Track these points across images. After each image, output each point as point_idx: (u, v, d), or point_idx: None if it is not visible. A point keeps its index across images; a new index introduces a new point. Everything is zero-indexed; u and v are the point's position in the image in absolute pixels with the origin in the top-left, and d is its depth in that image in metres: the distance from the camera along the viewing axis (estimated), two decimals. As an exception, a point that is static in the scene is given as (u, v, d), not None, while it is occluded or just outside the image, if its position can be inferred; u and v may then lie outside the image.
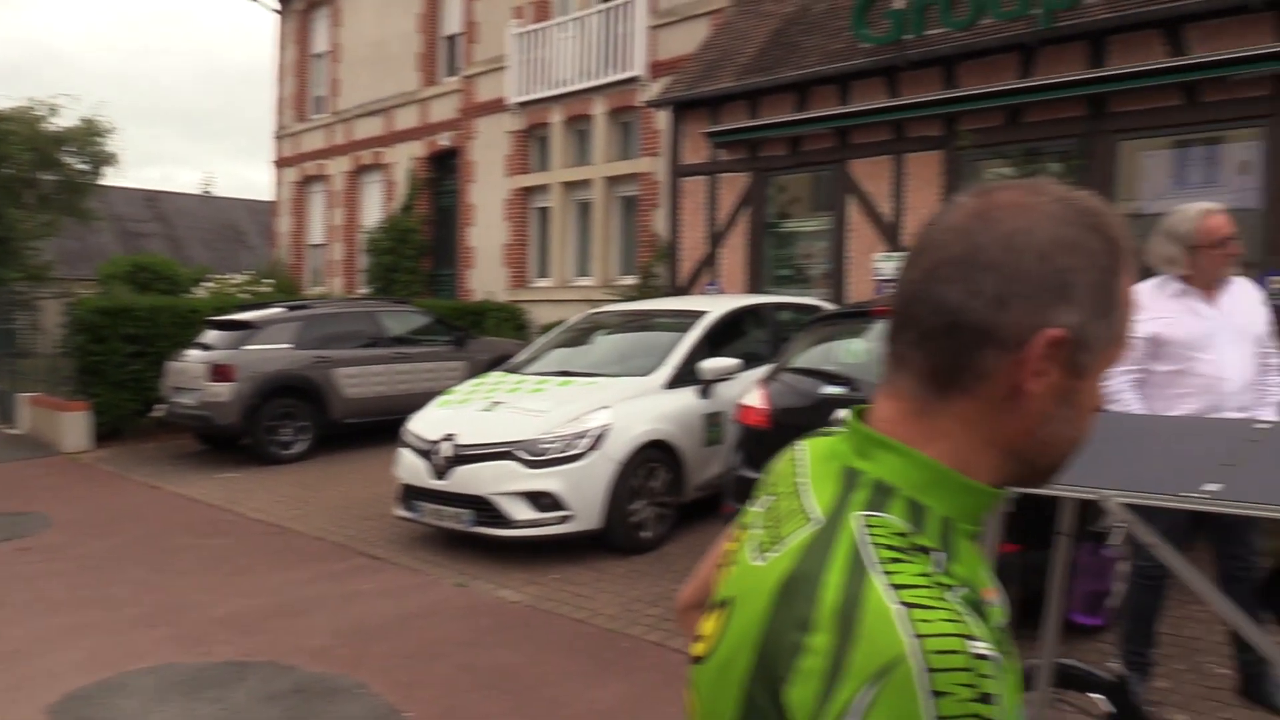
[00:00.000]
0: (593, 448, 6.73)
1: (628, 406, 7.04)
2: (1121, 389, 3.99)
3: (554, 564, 6.77)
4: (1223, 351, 3.88)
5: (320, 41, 21.92)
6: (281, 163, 22.88)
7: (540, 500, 6.67)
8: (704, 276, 12.75)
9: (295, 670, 5.08)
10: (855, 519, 0.89)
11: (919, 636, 0.79)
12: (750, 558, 0.97)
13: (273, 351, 10.87)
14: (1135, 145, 9.34)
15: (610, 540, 6.85)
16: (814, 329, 6.06)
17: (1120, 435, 2.51)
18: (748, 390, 5.97)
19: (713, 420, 7.39)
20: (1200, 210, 3.89)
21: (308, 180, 22.06)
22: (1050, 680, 2.89)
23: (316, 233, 21.89)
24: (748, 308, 8.56)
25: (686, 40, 13.94)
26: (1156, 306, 3.96)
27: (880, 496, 0.92)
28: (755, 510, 1.05)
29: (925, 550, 0.88)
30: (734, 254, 12.45)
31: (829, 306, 8.90)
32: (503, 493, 6.69)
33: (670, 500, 7.18)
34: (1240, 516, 3.81)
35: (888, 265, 10.77)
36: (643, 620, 5.68)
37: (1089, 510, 2.87)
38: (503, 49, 16.62)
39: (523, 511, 6.68)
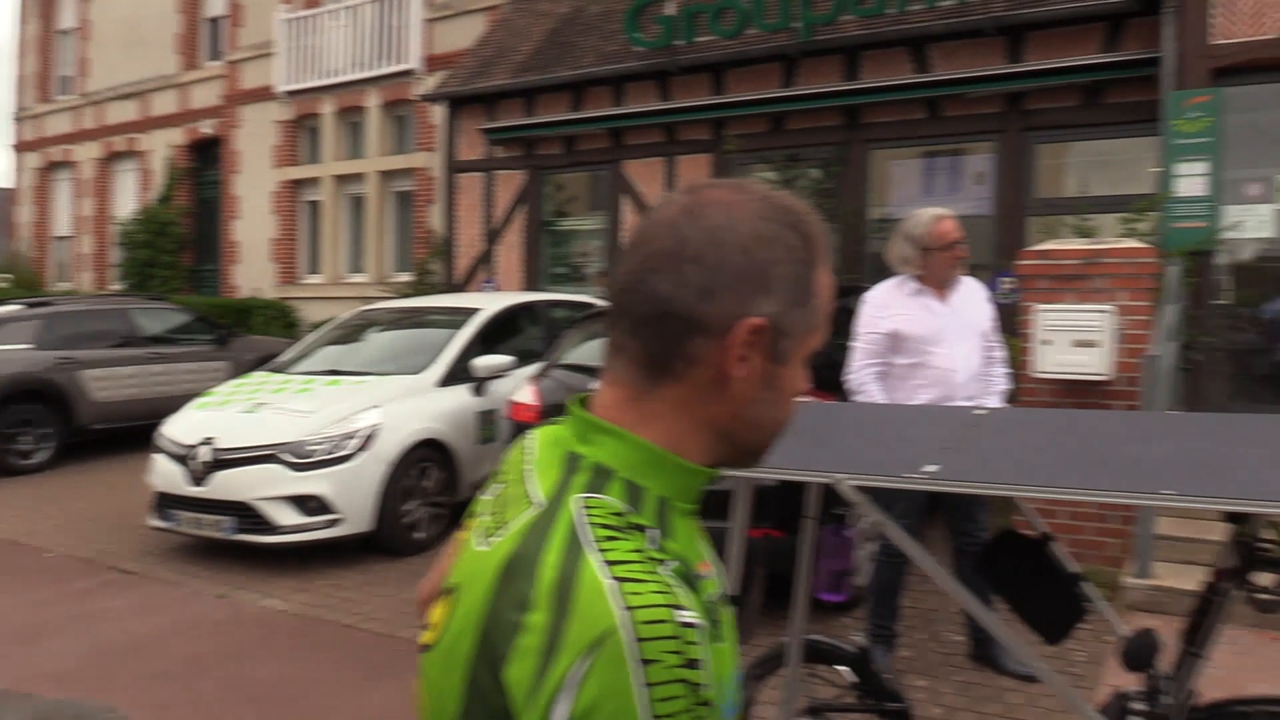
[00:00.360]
0: (362, 448, 6.56)
1: (399, 405, 6.90)
2: (866, 381, 4.27)
3: (323, 569, 6.55)
4: (953, 346, 4.21)
5: (67, 17, 20.28)
6: (22, 147, 21.01)
7: (307, 504, 6.44)
8: (480, 274, 12.66)
9: (33, 698, 4.68)
10: (575, 501, 0.93)
11: (629, 608, 0.83)
12: (476, 544, 0.99)
13: (9, 353, 9.95)
14: (886, 154, 9.99)
15: (382, 542, 6.69)
16: (585, 325, 6.15)
17: (854, 423, 2.69)
18: (520, 387, 5.99)
19: (487, 418, 7.35)
20: (932, 215, 4.21)
21: (52, 166, 20.35)
22: (800, 656, 3.05)
23: (63, 224, 20.23)
24: (522, 305, 8.57)
25: (463, 35, 13.80)
26: (896, 304, 4.27)
27: (600, 479, 0.95)
28: (485, 499, 1.07)
29: (641, 528, 0.92)
30: (511, 251, 12.43)
31: (602, 304, 9.03)
32: (266, 497, 6.41)
33: (444, 500, 7.09)
34: (968, 496, 4.16)
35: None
36: (415, 622, 5.59)
37: (832, 494, 3.05)
38: (270, 34, 15.90)
39: (288, 516, 6.43)
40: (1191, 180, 7.33)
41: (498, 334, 7.95)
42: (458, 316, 7.99)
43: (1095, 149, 9.14)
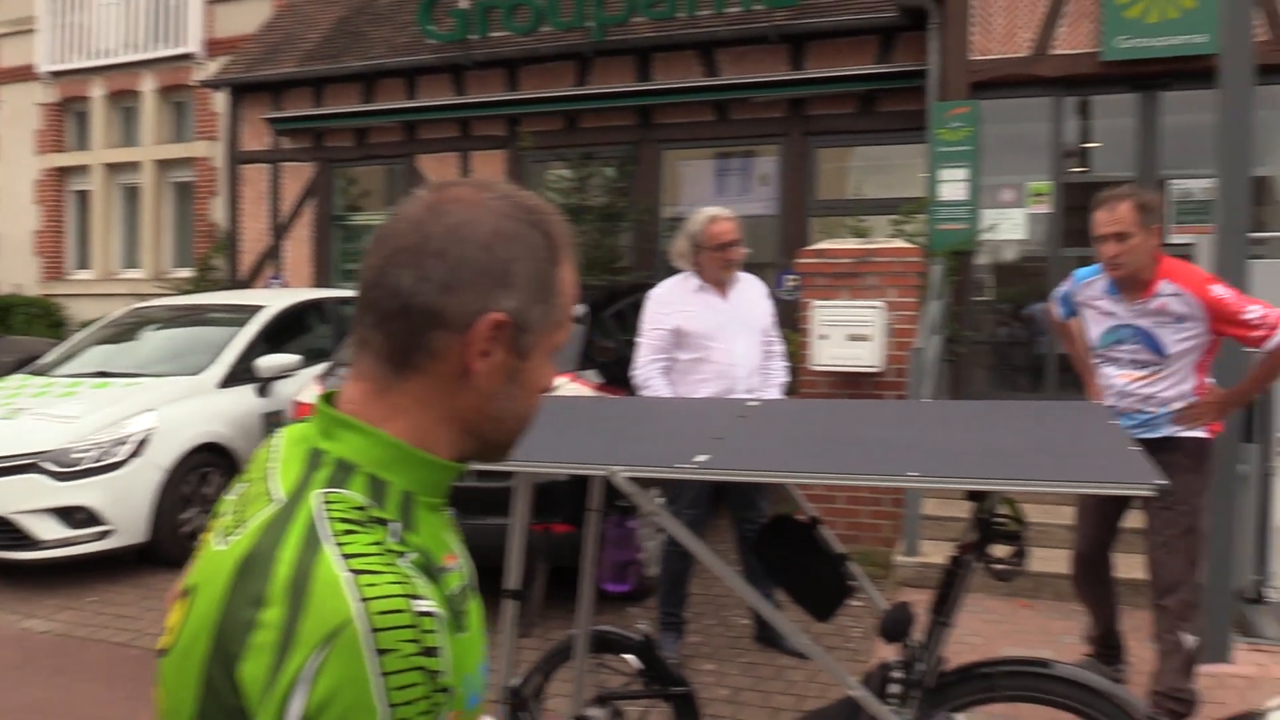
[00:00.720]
0: (135, 454, 6.18)
1: (176, 408, 6.55)
2: (651, 376, 4.39)
3: (92, 585, 6.13)
4: (733, 341, 4.39)
5: None
6: None
7: (73, 516, 6.02)
8: (267, 270, 12.15)
9: None
10: (315, 496, 0.93)
11: (364, 600, 0.84)
12: (215, 544, 0.97)
13: None
14: (677, 155, 10.25)
15: (160, 554, 6.33)
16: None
17: (631, 416, 2.77)
18: (305, 387, 5.80)
19: (272, 420, 7.07)
20: (708, 215, 4.37)
21: None
22: (587, 646, 3.11)
23: None
24: (310, 302, 8.29)
25: (247, 19, 13.17)
26: (679, 301, 4.40)
27: (342, 474, 0.96)
28: (229, 498, 1.05)
29: (384, 522, 0.93)
30: (299, 247, 11.99)
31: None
32: (26, 510, 5.95)
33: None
34: (748, 484, 4.33)
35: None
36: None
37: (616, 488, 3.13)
38: (31, 9, 14.67)
39: (52, 530, 5.99)
40: (954, 185, 7.90)
41: (284, 332, 7.66)
42: (240, 314, 7.65)
43: (871, 154, 9.70)
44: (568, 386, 5.10)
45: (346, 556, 0.87)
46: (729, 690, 4.49)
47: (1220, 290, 3.59)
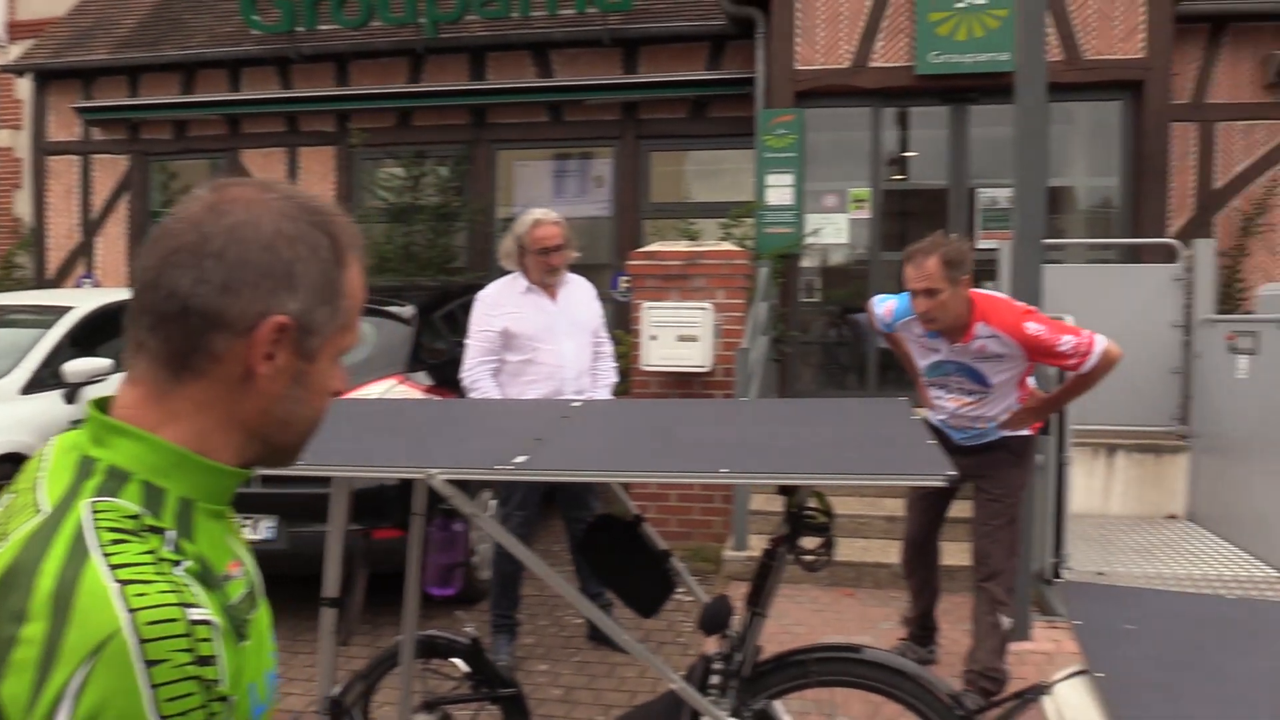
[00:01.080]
0: (-78, 466, 5.73)
1: (-29, 415, 6.10)
2: (479, 377, 4.37)
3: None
4: (562, 343, 4.41)
5: None
6: None
7: None
8: (78, 268, 11.45)
9: None
10: (84, 505, 0.89)
11: (133, 610, 0.82)
12: None
13: None
14: (512, 155, 10.21)
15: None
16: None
17: (453, 418, 2.76)
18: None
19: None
20: (534, 219, 4.38)
21: None
22: (413, 652, 3.07)
23: None
24: (123, 303, 7.84)
25: (54, 2, 12.38)
26: (507, 302, 4.40)
27: (114, 482, 0.92)
28: None
29: (159, 530, 0.91)
30: (113, 244, 11.35)
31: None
32: None
33: None
34: (579, 484, 4.37)
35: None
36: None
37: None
38: None
39: None
40: (780, 190, 8.16)
41: (94, 335, 7.23)
42: (46, 315, 7.17)
43: (703, 158, 9.91)
44: (396, 389, 5.02)
45: (114, 567, 0.84)
46: (562, 690, 4.51)
47: (1034, 327, 3.66)
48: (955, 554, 5.03)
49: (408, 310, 5.44)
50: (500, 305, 4.38)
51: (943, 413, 4.08)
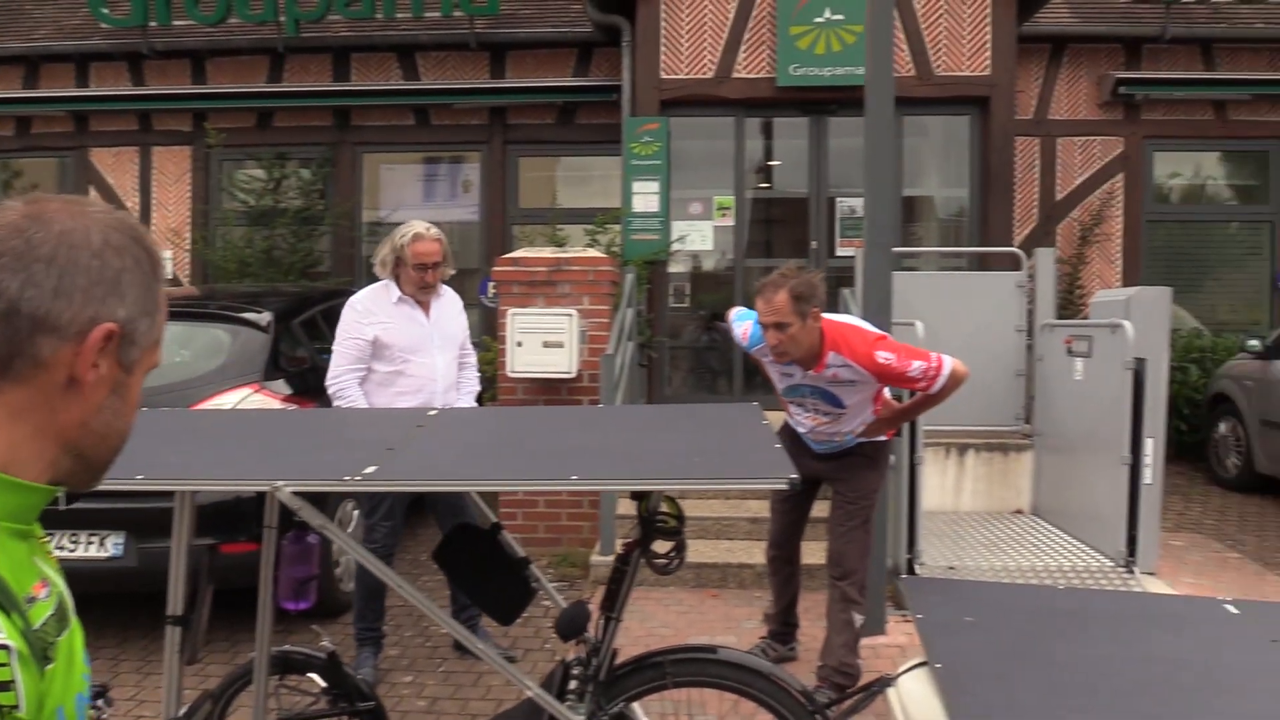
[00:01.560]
0: None
1: None
2: (346, 385, 4.27)
3: None
4: (433, 356, 4.36)
5: None
6: None
7: None
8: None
9: None
10: None
11: None
12: None
13: None
14: (377, 158, 10.04)
15: None
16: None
17: (304, 429, 2.71)
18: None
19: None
20: (413, 233, 4.28)
21: None
22: (268, 668, 3.00)
23: None
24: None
25: (-124, -13, 11.59)
26: (380, 311, 4.31)
27: None
28: None
29: None
30: (-53, 245, 10.68)
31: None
32: None
33: None
34: (454, 494, 4.31)
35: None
36: None
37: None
38: None
39: None
40: (646, 198, 8.25)
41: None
42: None
43: (571, 164, 9.94)
44: (251, 398, 4.88)
45: None
46: (427, 701, 4.47)
47: (885, 356, 3.73)
48: (814, 553, 5.19)
49: (264, 317, 5.29)
50: (372, 314, 4.30)
51: (802, 426, 4.21)
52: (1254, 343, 7.77)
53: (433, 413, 2.89)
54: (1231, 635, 2.06)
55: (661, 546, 2.51)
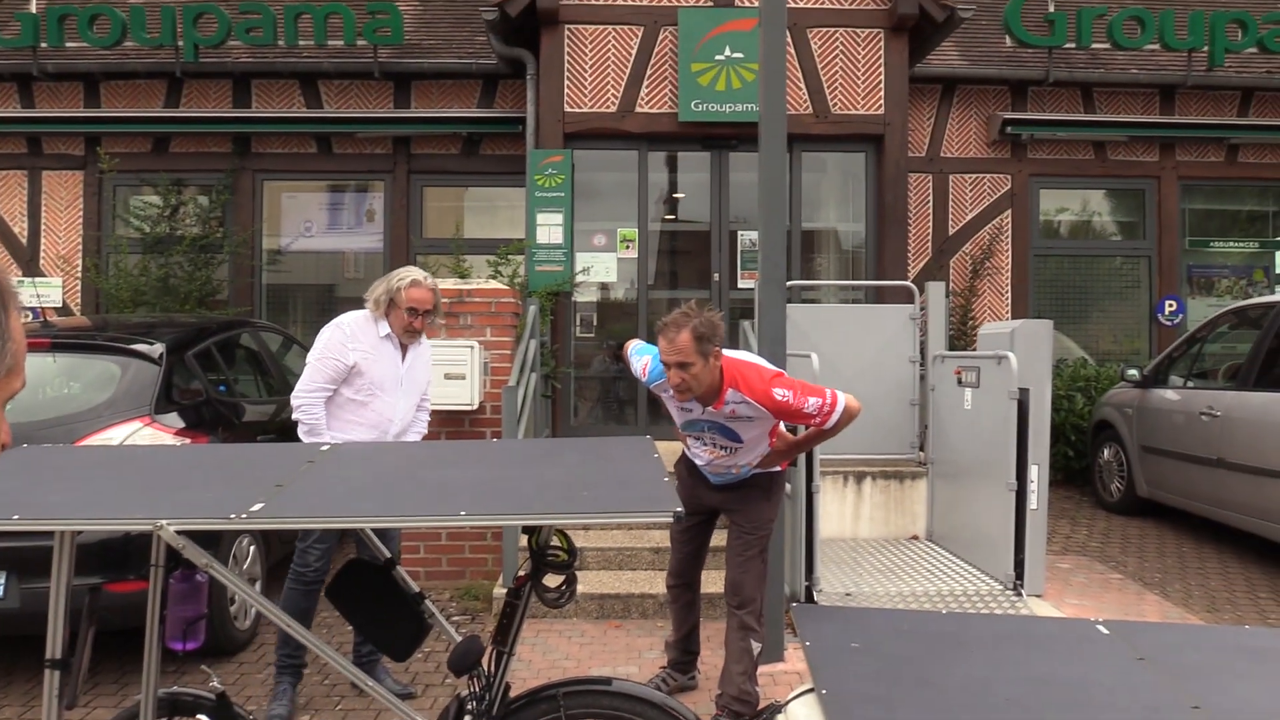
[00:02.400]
0: None
1: None
2: (314, 403, 4.22)
3: None
4: (398, 398, 4.38)
5: None
6: None
7: None
8: None
9: None
10: None
11: None
12: None
13: None
14: (278, 186, 9.90)
15: None
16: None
17: (192, 464, 2.67)
18: None
19: None
20: (410, 279, 4.31)
21: None
22: (154, 711, 2.93)
23: None
24: None
25: None
26: (365, 340, 4.29)
27: None
28: None
29: None
30: None
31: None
32: None
33: None
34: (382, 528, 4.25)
35: (25, 290, 9.79)
36: None
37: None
38: None
39: None
40: (550, 229, 8.31)
41: None
42: None
43: (476, 195, 9.94)
44: (141, 432, 4.76)
45: None
46: (322, 739, 4.40)
47: (781, 393, 3.82)
48: (715, 582, 5.26)
49: (156, 348, 5.17)
50: (358, 340, 4.28)
51: (699, 459, 4.29)
52: (1133, 372, 8.14)
53: (325, 448, 2.88)
54: (1101, 654, 2.17)
55: (553, 580, 2.54)
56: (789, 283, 7.78)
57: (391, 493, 2.39)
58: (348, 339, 4.32)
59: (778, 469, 4.33)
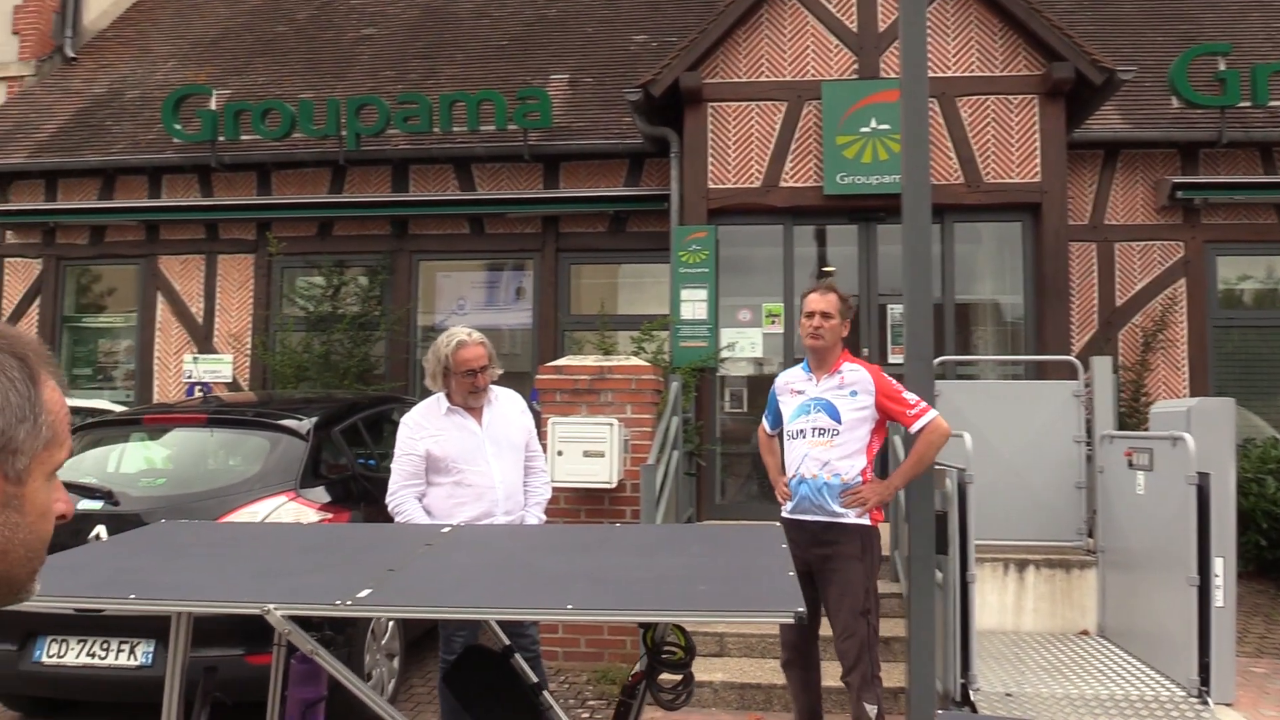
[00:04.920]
0: None
1: None
2: (403, 501, 4.20)
3: None
4: (489, 463, 4.24)
5: None
6: None
7: None
8: (-19, 375, 11.10)
9: None
10: None
11: None
12: None
13: None
14: (433, 265, 10.22)
15: None
16: (78, 436, 5.57)
17: (310, 545, 2.65)
18: None
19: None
20: (456, 341, 4.23)
21: None
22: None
23: None
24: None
25: (-27, 106, 12.30)
26: (430, 425, 4.26)
27: None
28: None
29: None
30: (21, 350, 11.04)
31: (117, 409, 8.27)
32: None
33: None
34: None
35: (198, 367, 10.37)
36: None
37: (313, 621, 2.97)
38: None
39: None
40: (694, 305, 8.24)
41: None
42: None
43: (622, 272, 10.00)
44: (286, 506, 4.86)
45: None
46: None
47: (886, 377, 4.41)
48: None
49: (304, 424, 5.31)
50: (423, 428, 4.25)
51: (794, 463, 4.41)
52: (1332, 453, 7.41)
53: (445, 530, 2.82)
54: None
55: (667, 679, 2.38)
56: (942, 358, 7.51)
57: (501, 582, 2.29)
58: (412, 432, 4.27)
59: (868, 522, 4.34)
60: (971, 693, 5.17)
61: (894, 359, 8.21)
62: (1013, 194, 8.21)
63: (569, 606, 2.01)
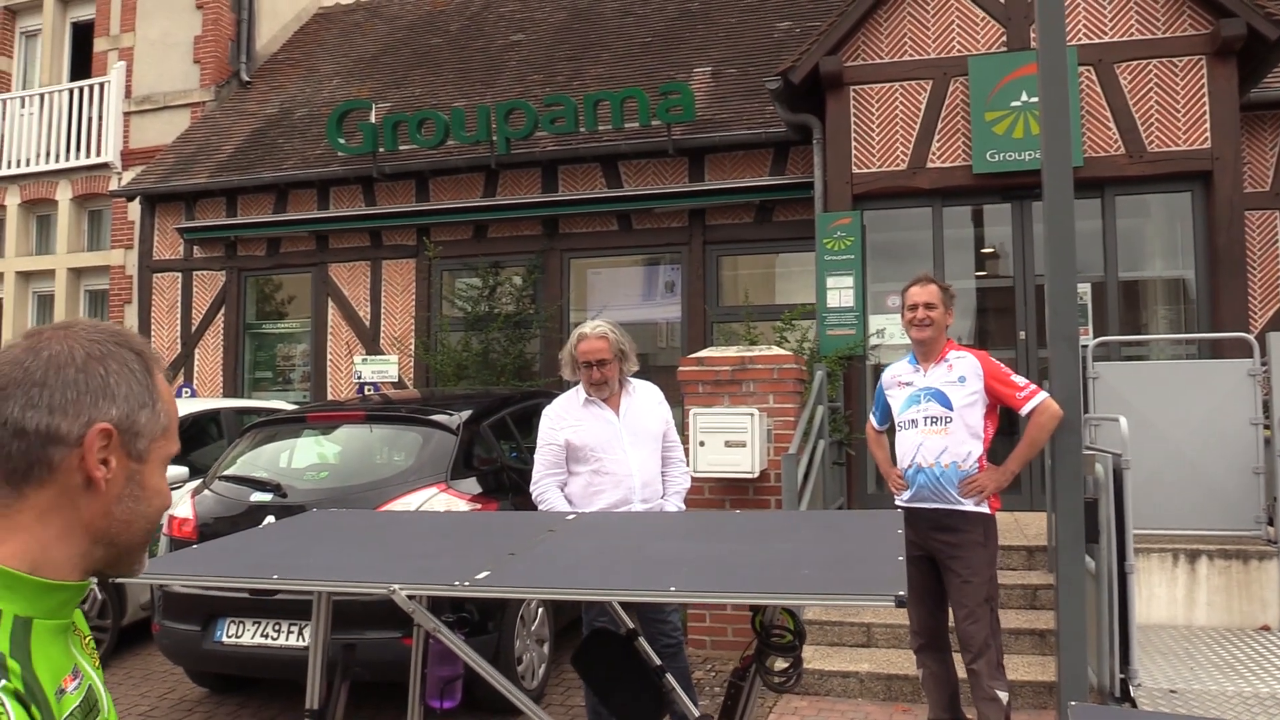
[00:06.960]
0: None
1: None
2: (545, 489, 4.36)
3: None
4: (627, 452, 4.36)
5: None
6: None
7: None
8: (178, 379, 12.03)
9: None
10: None
11: None
12: None
13: None
14: (583, 263, 10.45)
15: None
16: (251, 434, 5.97)
17: (437, 532, 2.80)
18: (180, 501, 5.71)
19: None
20: (580, 334, 4.39)
21: None
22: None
23: None
24: (207, 413, 8.21)
25: (164, 130, 13.31)
26: (569, 415, 4.41)
27: None
28: None
29: None
30: (210, 355, 11.91)
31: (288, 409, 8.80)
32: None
33: (106, 623, 6.58)
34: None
35: (367, 368, 10.93)
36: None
37: (444, 602, 3.13)
38: (-58, 122, 14.65)
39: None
40: (840, 292, 8.13)
41: (187, 443, 7.55)
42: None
43: (769, 261, 9.97)
44: (437, 498, 5.09)
45: None
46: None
47: (993, 361, 4.47)
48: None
49: (454, 419, 5.54)
50: (562, 418, 4.40)
51: (908, 454, 4.42)
52: None
53: (570, 517, 2.92)
54: None
55: (775, 663, 2.40)
56: (1103, 339, 7.17)
57: (611, 565, 2.37)
58: (552, 422, 4.41)
59: (988, 510, 4.35)
60: (1132, 688, 4.95)
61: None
62: (1180, 162, 7.75)
63: (671, 589, 2.06)
